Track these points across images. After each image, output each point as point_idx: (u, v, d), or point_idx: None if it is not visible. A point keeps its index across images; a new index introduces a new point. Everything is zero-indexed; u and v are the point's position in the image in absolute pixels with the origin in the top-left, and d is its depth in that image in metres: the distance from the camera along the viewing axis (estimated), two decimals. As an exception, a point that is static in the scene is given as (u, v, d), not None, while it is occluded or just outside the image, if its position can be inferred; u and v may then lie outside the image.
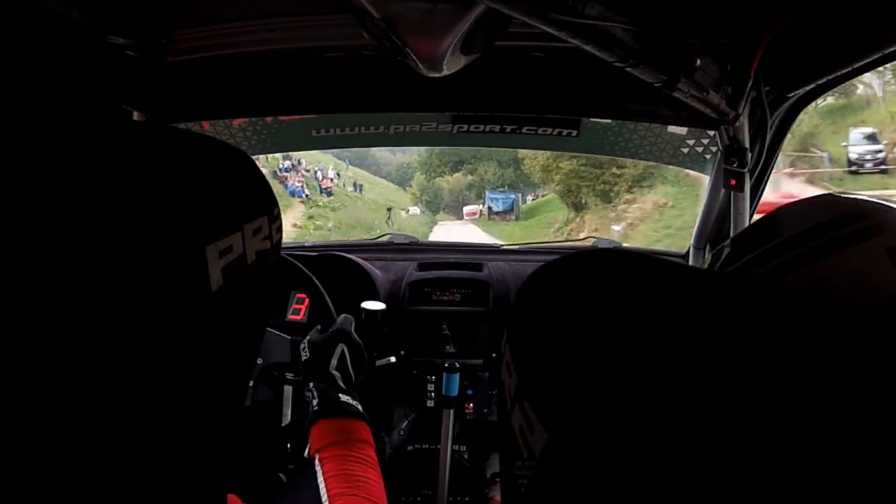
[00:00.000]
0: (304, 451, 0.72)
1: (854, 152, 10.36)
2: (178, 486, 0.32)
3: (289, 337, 1.13)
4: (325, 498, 0.63)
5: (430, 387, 1.31)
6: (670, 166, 1.45)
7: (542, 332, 0.23)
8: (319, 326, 0.89)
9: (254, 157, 0.90)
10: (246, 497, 0.54)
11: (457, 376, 1.19)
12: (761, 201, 1.18)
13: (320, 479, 0.65)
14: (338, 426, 0.72)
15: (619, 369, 0.19)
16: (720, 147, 1.10)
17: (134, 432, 0.27)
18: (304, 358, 0.84)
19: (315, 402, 0.76)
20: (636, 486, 0.17)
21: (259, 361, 1.13)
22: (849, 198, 0.38)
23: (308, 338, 0.86)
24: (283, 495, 0.79)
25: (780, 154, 1.13)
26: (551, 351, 0.22)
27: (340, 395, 0.77)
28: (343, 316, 0.91)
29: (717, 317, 0.19)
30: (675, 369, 0.18)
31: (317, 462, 0.68)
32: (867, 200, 0.36)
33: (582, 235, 9.88)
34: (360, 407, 0.77)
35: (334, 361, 0.81)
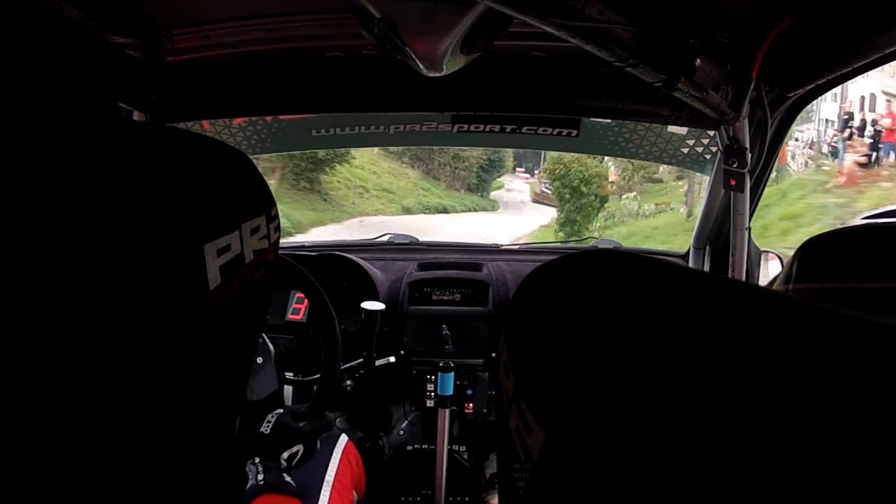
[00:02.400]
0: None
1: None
2: (178, 483, 0.32)
3: (277, 385, 1.13)
4: None
5: (430, 387, 1.30)
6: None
7: (540, 332, 0.23)
8: (301, 408, 0.89)
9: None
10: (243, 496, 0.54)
11: (451, 376, 1.19)
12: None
13: None
14: (279, 502, 0.81)
15: (616, 371, 0.19)
16: (720, 147, 1.10)
17: (133, 429, 0.27)
18: (265, 430, 0.85)
19: (260, 477, 0.83)
20: (633, 487, 0.17)
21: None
22: None
23: (278, 417, 0.86)
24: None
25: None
26: (548, 352, 0.22)
27: (285, 475, 0.85)
28: (330, 417, 0.94)
29: (715, 319, 0.19)
30: (672, 371, 0.18)
31: None
32: None
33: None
34: (294, 485, 0.85)
35: (286, 455, 0.84)
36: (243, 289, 0.33)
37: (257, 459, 0.85)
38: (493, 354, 1.33)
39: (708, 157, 1.32)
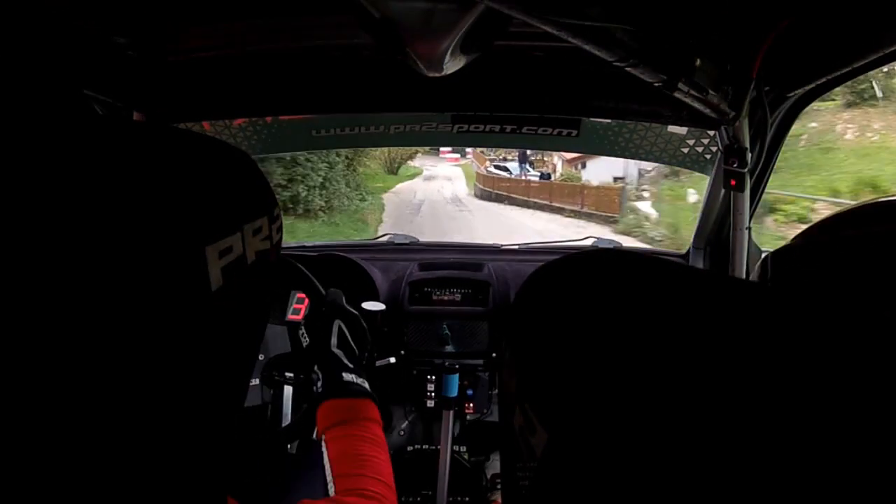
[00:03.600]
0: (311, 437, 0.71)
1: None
2: (178, 486, 0.32)
3: (283, 325, 1.13)
4: (329, 478, 0.61)
5: (430, 387, 1.31)
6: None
7: (542, 333, 0.23)
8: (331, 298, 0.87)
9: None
10: (246, 497, 0.54)
11: (456, 377, 1.19)
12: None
13: (326, 459, 0.64)
14: (343, 405, 0.71)
15: (618, 370, 0.19)
16: (720, 147, 1.10)
17: (133, 432, 0.27)
18: (304, 344, 0.82)
19: (319, 383, 0.75)
20: (636, 486, 0.17)
21: (261, 357, 1.14)
22: None
23: (303, 322, 0.84)
24: (292, 478, 0.78)
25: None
26: (551, 352, 0.22)
27: (344, 374, 0.75)
28: (331, 290, 0.87)
29: (716, 318, 0.19)
30: (674, 370, 0.18)
31: (323, 443, 0.66)
32: None
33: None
34: (366, 385, 0.75)
35: (334, 340, 0.80)
36: (245, 290, 0.33)
37: (315, 367, 0.78)
38: (495, 354, 1.33)
39: (708, 157, 1.32)
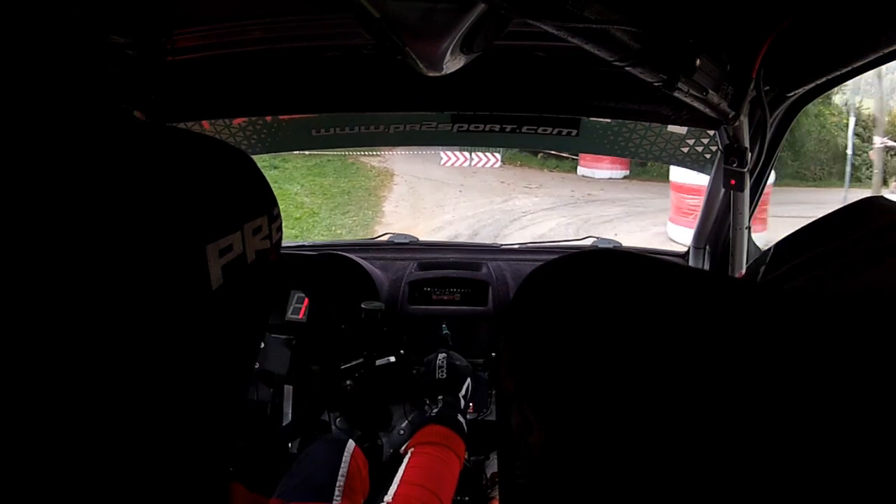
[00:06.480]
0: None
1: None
2: (179, 480, 0.32)
3: (290, 351, 1.14)
4: (397, 480, 0.71)
5: None
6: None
7: (541, 332, 0.23)
8: (454, 355, 1.07)
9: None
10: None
11: None
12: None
13: (403, 465, 0.73)
14: (443, 432, 0.83)
15: (616, 369, 0.19)
16: (720, 147, 1.10)
17: (134, 428, 0.27)
18: (438, 376, 1.00)
19: (434, 410, 0.91)
20: (633, 484, 0.17)
21: (256, 366, 1.14)
22: None
23: (446, 359, 1.03)
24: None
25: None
26: (550, 351, 0.22)
27: (459, 415, 0.90)
28: (465, 363, 1.08)
29: (716, 317, 0.19)
30: (673, 370, 0.18)
31: (409, 453, 0.76)
32: None
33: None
34: (465, 429, 0.89)
35: (463, 391, 0.98)
36: (245, 289, 0.34)
37: (440, 397, 0.95)
38: (494, 354, 1.33)
39: (708, 156, 1.32)
